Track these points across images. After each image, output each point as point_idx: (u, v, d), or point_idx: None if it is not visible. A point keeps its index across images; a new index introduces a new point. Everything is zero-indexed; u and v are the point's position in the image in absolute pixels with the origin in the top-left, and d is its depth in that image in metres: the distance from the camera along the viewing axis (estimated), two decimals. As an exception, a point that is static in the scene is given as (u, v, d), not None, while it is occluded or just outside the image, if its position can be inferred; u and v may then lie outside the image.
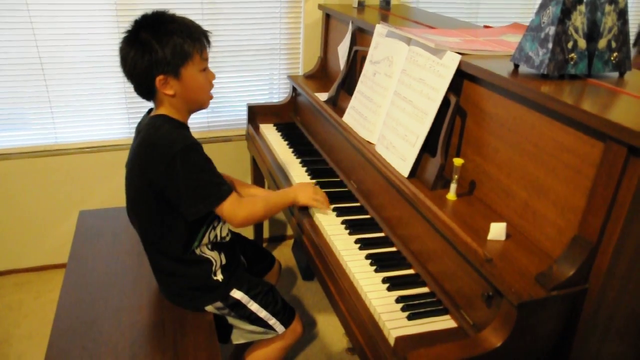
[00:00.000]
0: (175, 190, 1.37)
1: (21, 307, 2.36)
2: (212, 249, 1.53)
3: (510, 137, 1.28)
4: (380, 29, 1.78)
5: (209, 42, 1.41)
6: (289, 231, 2.97)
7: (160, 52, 1.31)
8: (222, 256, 1.55)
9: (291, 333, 1.63)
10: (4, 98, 2.27)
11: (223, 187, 1.41)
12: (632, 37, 2.35)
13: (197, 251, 1.51)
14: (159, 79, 1.34)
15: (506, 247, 1.20)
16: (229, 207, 1.41)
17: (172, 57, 1.32)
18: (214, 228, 1.52)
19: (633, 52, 2.37)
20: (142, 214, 1.48)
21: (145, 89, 1.40)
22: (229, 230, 1.61)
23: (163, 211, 1.42)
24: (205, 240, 1.51)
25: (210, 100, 1.49)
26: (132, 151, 1.44)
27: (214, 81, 1.48)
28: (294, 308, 1.66)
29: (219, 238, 1.54)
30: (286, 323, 1.61)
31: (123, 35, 1.36)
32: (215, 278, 1.53)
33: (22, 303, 2.39)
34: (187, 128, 1.46)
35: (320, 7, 2.46)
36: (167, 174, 1.34)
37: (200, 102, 1.46)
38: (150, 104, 1.48)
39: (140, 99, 1.44)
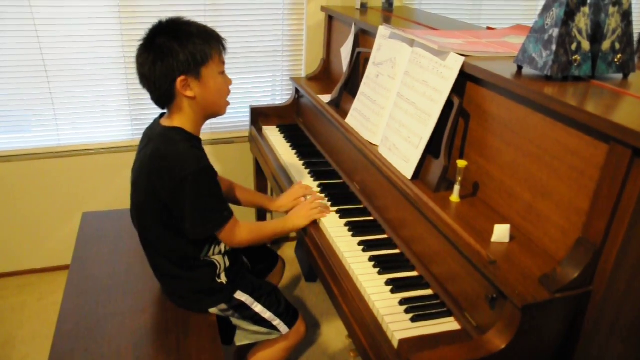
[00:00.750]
0: (180, 209, 1.38)
1: (24, 309, 2.36)
2: (216, 253, 1.53)
3: (514, 139, 1.27)
4: (383, 31, 1.78)
5: (224, 47, 1.41)
6: (292, 233, 2.96)
7: (181, 52, 1.31)
8: (226, 259, 1.55)
9: (295, 334, 1.63)
10: (8, 100, 2.27)
11: (224, 214, 1.43)
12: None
13: (202, 257, 1.51)
14: (180, 79, 1.33)
15: (510, 249, 1.20)
16: (227, 233, 1.46)
17: (193, 58, 1.32)
18: (218, 244, 1.52)
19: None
20: (146, 222, 1.48)
21: (164, 95, 1.37)
22: None
23: (167, 223, 1.42)
24: (210, 253, 1.51)
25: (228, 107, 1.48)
26: (142, 160, 1.42)
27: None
28: (297, 309, 1.66)
29: (223, 251, 1.54)
30: (290, 324, 1.60)
31: (139, 44, 1.35)
32: (219, 281, 1.53)
33: (25, 305, 2.39)
34: (199, 141, 1.45)
35: (322, 8, 2.46)
36: (175, 193, 1.35)
37: (218, 107, 1.44)
38: (158, 110, 1.48)
39: (143, 101, 1.44)
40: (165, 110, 1.46)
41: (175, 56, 1.31)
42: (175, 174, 1.33)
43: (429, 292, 1.34)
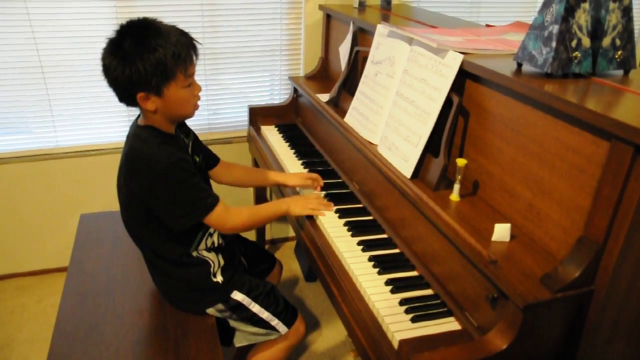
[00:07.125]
0: (159, 205, 1.37)
1: (23, 311, 2.35)
2: (209, 251, 1.52)
3: (514, 137, 1.26)
4: (381, 29, 1.77)
5: (197, 55, 1.37)
6: (291, 232, 2.96)
7: (141, 69, 1.26)
8: (220, 257, 1.54)
9: (294, 333, 1.62)
10: (5, 102, 2.26)
11: (208, 201, 1.41)
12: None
13: (194, 253, 1.50)
14: (140, 95, 1.31)
15: (511, 248, 1.19)
16: (216, 218, 1.43)
17: (154, 76, 1.27)
18: (211, 235, 1.51)
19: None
20: (131, 221, 1.48)
21: (127, 101, 1.36)
22: (224, 236, 1.60)
23: (150, 220, 1.42)
24: (202, 246, 1.51)
25: (196, 110, 1.44)
26: (120, 161, 1.43)
27: (204, 88, 1.46)
28: (296, 308, 1.65)
29: (216, 244, 1.53)
30: (289, 323, 1.59)
31: (107, 41, 1.32)
32: (215, 280, 1.52)
33: (24, 307, 2.38)
34: (173, 138, 1.43)
35: (321, 7, 2.44)
36: (151, 190, 1.34)
37: (184, 114, 1.41)
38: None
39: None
40: None
41: (134, 71, 1.26)
42: (147, 173, 1.32)
43: (429, 292, 1.33)
